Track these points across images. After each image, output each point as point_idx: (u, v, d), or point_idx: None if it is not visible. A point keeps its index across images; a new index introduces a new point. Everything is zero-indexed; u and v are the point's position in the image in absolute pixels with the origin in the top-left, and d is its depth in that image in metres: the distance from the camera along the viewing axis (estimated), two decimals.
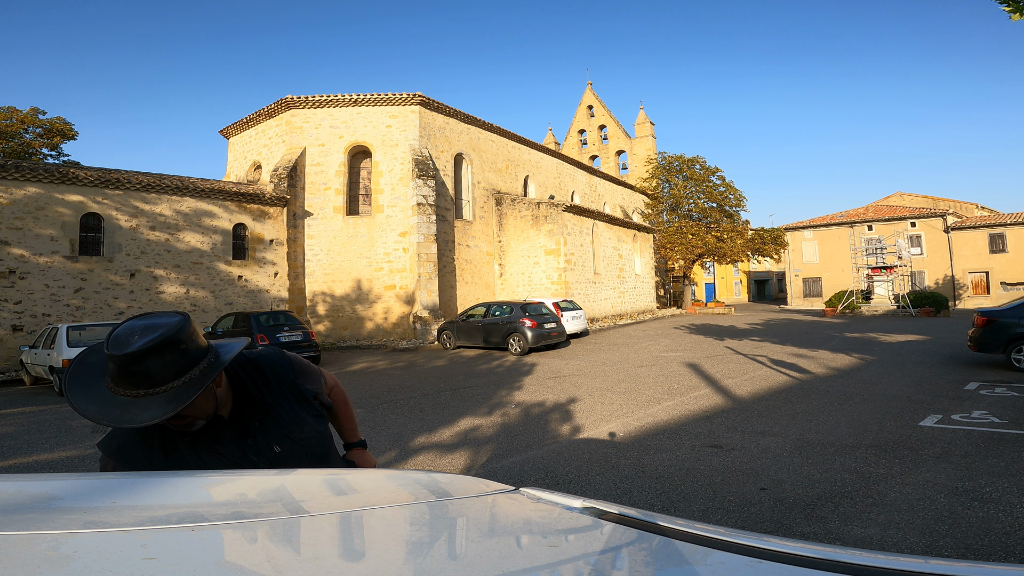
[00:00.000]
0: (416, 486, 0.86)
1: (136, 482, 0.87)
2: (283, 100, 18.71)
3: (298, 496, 0.80)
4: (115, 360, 1.00)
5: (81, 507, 0.75)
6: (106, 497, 0.78)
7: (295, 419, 1.32)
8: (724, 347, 13.53)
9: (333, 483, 0.88)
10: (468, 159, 21.40)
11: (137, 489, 0.82)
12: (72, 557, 0.55)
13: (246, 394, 1.29)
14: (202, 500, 0.80)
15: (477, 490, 0.85)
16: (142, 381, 1.01)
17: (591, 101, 41.15)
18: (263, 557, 0.62)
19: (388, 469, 0.94)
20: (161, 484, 0.86)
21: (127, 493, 0.80)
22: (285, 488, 0.83)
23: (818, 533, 3.40)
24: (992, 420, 5.89)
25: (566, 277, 20.21)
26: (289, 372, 1.38)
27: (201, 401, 1.14)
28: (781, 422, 6.17)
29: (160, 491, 0.82)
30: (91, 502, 0.77)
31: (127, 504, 0.75)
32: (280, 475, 0.91)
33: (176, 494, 0.82)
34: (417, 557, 0.63)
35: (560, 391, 8.57)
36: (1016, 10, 6.03)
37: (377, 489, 0.85)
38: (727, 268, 49.05)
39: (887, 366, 10.01)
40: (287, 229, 18.03)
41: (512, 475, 4.70)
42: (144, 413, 1.00)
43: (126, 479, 0.92)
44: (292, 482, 0.86)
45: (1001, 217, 31.00)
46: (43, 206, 13.61)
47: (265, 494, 0.81)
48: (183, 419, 1.13)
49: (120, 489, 0.82)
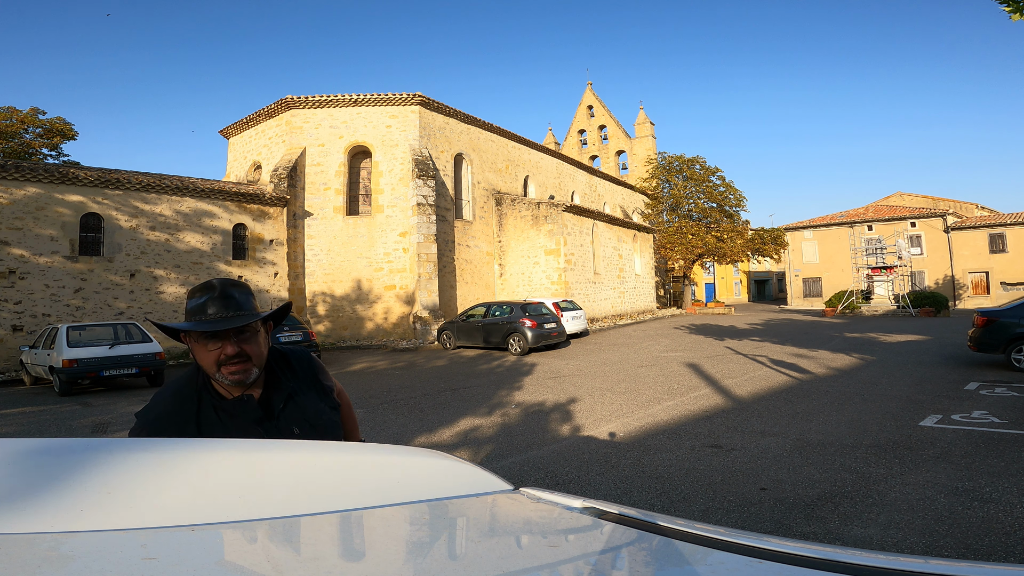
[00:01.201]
0: (416, 472, 0.85)
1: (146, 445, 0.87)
2: (283, 100, 18.71)
3: (303, 480, 0.79)
4: (217, 287, 1.36)
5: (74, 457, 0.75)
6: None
7: (315, 407, 1.49)
8: (724, 347, 13.53)
9: (342, 464, 0.87)
10: (468, 159, 21.40)
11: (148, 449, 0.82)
12: (72, 557, 0.55)
13: (274, 379, 1.47)
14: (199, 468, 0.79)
15: (475, 480, 0.86)
16: (231, 304, 1.35)
17: (591, 101, 41.16)
18: (263, 557, 0.62)
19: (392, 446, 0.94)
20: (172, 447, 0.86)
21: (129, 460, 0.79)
22: (294, 463, 0.82)
23: (818, 533, 3.40)
24: (992, 420, 5.89)
25: (566, 277, 20.21)
26: (312, 367, 1.57)
27: (261, 341, 1.40)
28: (781, 422, 6.17)
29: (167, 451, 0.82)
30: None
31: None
32: (292, 450, 0.90)
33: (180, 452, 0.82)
34: (417, 557, 0.63)
35: (560, 391, 8.57)
36: (1016, 10, 6.03)
37: (378, 473, 0.83)
38: (727, 268, 49.05)
39: (887, 366, 10.01)
40: (287, 229, 18.03)
41: (512, 475, 4.70)
42: (236, 321, 1.33)
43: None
44: (300, 461, 0.85)
45: (1001, 217, 31.01)
46: (43, 206, 13.61)
47: (272, 467, 0.80)
48: (244, 362, 1.35)
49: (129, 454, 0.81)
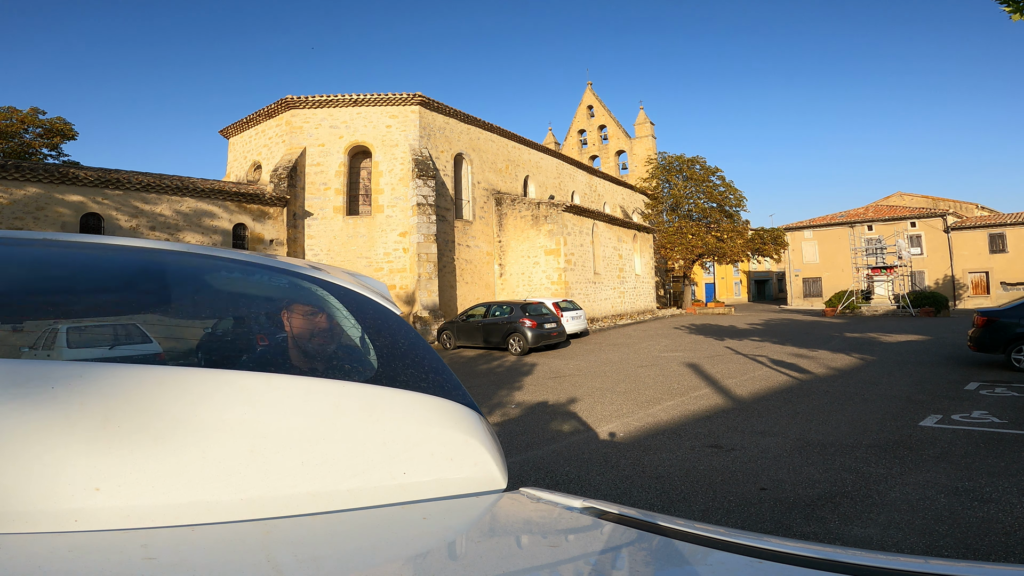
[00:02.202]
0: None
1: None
2: (283, 100, 18.71)
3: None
4: None
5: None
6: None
7: None
8: (724, 347, 13.53)
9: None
10: (468, 159, 21.40)
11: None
12: (72, 557, 0.55)
13: None
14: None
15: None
16: None
17: (591, 101, 41.15)
18: (263, 557, 0.62)
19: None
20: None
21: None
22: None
23: (818, 533, 3.39)
24: (992, 420, 5.89)
25: (566, 277, 20.21)
26: None
27: None
28: (781, 422, 6.17)
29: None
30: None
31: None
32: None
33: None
34: (417, 556, 0.63)
35: (560, 391, 8.57)
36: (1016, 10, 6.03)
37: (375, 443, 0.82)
38: (727, 268, 49.04)
39: (887, 366, 10.01)
40: (287, 229, 18.02)
41: (512, 475, 4.69)
42: None
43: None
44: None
45: (1001, 217, 31.00)
46: (43, 206, 13.60)
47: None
48: None
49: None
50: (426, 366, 1.00)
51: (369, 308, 1.15)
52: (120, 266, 1.11)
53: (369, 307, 1.15)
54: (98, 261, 1.12)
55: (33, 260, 1.06)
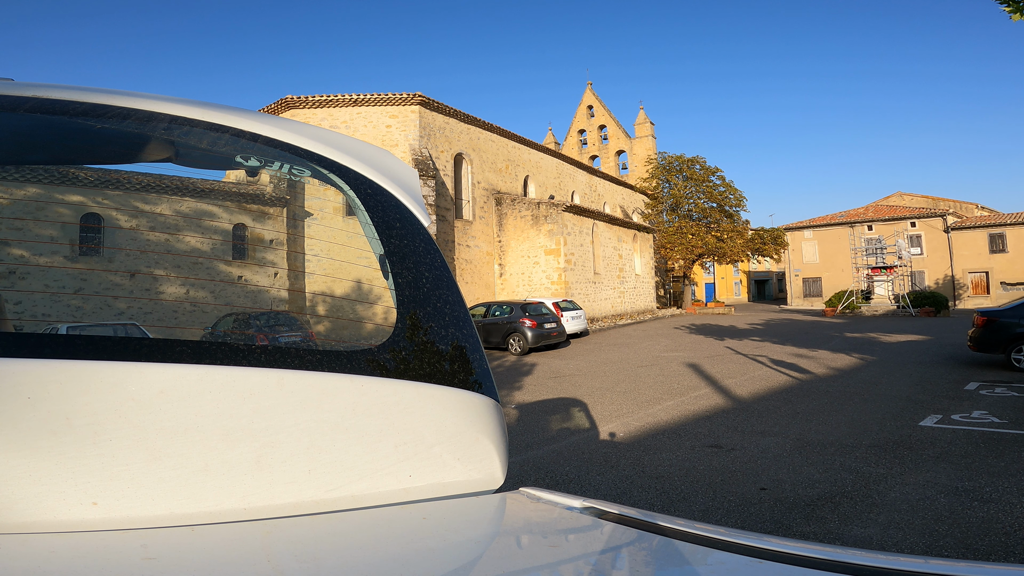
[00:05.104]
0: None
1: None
2: (283, 100, 18.71)
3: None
4: None
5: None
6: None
7: None
8: (724, 347, 13.53)
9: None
10: (468, 159, 21.40)
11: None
12: (72, 557, 0.55)
13: None
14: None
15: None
16: None
17: (591, 101, 41.14)
18: (263, 557, 0.62)
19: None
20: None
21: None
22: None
23: (818, 533, 3.39)
24: (992, 420, 5.89)
25: (566, 277, 20.21)
26: None
27: None
28: (781, 422, 6.17)
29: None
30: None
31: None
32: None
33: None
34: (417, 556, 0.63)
35: (560, 391, 8.57)
36: (1016, 10, 6.04)
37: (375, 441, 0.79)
38: (727, 268, 49.05)
39: (887, 366, 10.01)
40: (287, 229, 18.03)
41: (512, 475, 4.69)
42: None
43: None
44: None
45: (1001, 217, 31.00)
46: (43, 206, 13.60)
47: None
48: None
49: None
50: (448, 317, 0.83)
51: (394, 216, 0.87)
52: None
53: (394, 214, 0.87)
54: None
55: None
